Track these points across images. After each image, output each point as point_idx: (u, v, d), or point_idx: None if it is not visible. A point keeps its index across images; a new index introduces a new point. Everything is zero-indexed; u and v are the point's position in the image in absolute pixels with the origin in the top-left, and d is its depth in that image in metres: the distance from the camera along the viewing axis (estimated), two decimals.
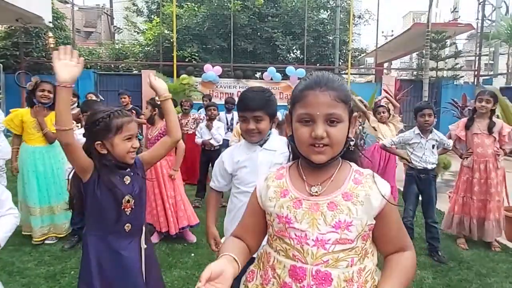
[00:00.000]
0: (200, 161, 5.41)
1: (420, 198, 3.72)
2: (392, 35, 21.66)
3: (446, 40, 13.14)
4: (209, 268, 0.94)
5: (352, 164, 1.14)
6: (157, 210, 3.68)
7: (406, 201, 3.72)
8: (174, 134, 1.91)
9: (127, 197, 1.74)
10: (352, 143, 1.11)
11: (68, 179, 2.20)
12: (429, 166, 3.56)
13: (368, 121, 5.12)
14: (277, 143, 1.87)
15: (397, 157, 4.47)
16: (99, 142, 1.69)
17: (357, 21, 16.70)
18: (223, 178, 1.96)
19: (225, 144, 6.38)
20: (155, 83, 1.90)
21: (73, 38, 13.12)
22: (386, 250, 1.13)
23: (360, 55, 17.97)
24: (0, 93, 10.51)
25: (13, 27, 11.72)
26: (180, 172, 3.92)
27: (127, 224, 1.76)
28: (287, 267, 1.07)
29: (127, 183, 1.75)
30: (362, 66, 20.92)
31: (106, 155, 1.71)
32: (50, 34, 12.08)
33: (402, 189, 5.78)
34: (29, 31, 11.70)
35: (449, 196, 4.41)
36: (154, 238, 3.66)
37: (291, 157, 1.21)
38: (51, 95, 3.56)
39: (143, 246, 1.83)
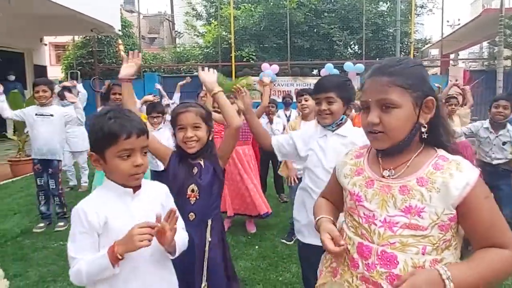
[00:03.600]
0: (261, 159, 5.52)
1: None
2: (458, 24, 20.25)
3: None
4: (327, 235, 1.11)
5: (440, 150, 1.08)
6: (243, 194, 3.88)
7: None
8: (231, 123, 1.89)
9: (191, 187, 1.79)
10: (424, 129, 1.05)
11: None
12: (495, 162, 3.35)
13: None
14: (351, 130, 1.89)
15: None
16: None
17: (420, 11, 15.84)
18: (287, 148, 2.03)
19: None
20: (203, 76, 1.92)
21: (139, 44, 13.99)
22: (477, 246, 1.01)
23: (424, 46, 17.03)
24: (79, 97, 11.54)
25: (88, 37, 12.81)
26: (254, 165, 4.09)
27: (191, 213, 1.78)
28: (355, 244, 1.10)
29: (194, 173, 1.81)
30: (425, 58, 19.80)
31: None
32: (120, 41, 13.00)
33: None
34: (101, 40, 12.69)
35: None
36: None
37: None
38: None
39: (208, 239, 1.80)
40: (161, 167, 3.78)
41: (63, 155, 5.38)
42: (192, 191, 1.80)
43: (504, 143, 3.35)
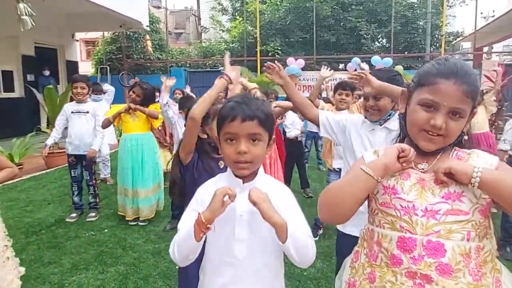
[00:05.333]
0: (287, 153, 5.51)
1: None
2: (493, 16, 19.40)
3: None
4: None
5: (455, 147, 1.12)
6: None
7: None
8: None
9: None
10: (465, 137, 1.11)
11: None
12: None
13: None
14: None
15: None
16: (200, 127, 1.84)
17: (452, 2, 15.30)
18: (333, 132, 2.00)
19: (311, 136, 6.39)
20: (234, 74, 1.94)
21: (166, 40, 14.21)
22: None
23: (455, 39, 16.44)
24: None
25: (117, 33, 13.12)
26: (275, 158, 4.12)
27: None
28: (394, 239, 1.06)
29: (221, 167, 1.83)
30: (457, 52, 19.12)
31: (205, 140, 1.86)
32: (147, 37, 13.25)
33: None
34: (130, 36, 12.97)
35: None
36: None
37: (401, 135, 1.20)
38: (138, 99, 4.00)
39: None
40: None
41: (102, 147, 5.60)
42: None
43: None
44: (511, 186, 0.95)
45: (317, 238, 3.64)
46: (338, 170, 3.53)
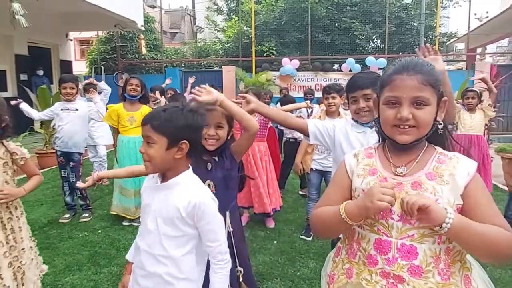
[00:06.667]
0: (285, 154, 5.54)
1: None
2: (487, 17, 19.56)
3: None
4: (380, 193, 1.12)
5: (437, 147, 1.17)
6: (251, 191, 3.94)
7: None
8: (249, 128, 1.85)
9: (207, 182, 1.85)
10: (440, 126, 1.15)
11: None
12: None
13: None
14: None
15: (492, 151, 4.12)
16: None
17: (446, 3, 15.41)
18: (323, 138, 1.98)
19: None
20: (200, 100, 1.76)
21: (161, 40, 14.17)
22: None
23: (449, 40, 16.57)
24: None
25: (111, 33, 13.07)
26: (267, 161, 4.13)
27: None
28: (371, 241, 1.13)
29: (209, 169, 1.87)
30: (451, 53, 19.26)
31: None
32: (142, 37, 13.21)
33: (498, 185, 5.34)
34: (124, 36, 12.92)
35: None
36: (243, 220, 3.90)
37: (380, 139, 1.26)
38: (139, 88, 3.99)
39: (229, 229, 1.92)
40: None
41: (99, 148, 5.58)
42: (209, 186, 1.87)
43: None
44: (478, 236, 1.00)
45: (310, 238, 3.67)
46: (315, 170, 3.75)
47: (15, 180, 2.26)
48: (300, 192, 5.25)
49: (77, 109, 4.14)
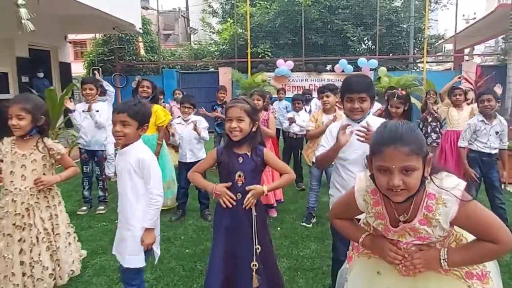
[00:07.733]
0: (284, 148, 5.83)
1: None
2: (474, 18, 20.14)
3: None
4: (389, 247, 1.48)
5: (428, 185, 1.33)
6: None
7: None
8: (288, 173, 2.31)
9: (238, 173, 2.18)
10: (427, 180, 1.33)
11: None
12: (493, 151, 3.70)
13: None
14: (373, 120, 2.21)
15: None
16: None
17: (434, 6, 15.92)
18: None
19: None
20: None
21: (158, 41, 14.44)
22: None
23: (437, 41, 17.10)
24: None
25: (108, 35, 13.29)
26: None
27: (238, 193, 2.18)
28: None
29: (240, 162, 2.20)
30: (439, 54, 19.81)
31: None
32: (140, 39, 13.44)
33: None
34: (122, 38, 13.16)
35: None
36: None
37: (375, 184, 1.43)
38: (150, 90, 4.30)
39: (254, 213, 2.20)
40: (189, 159, 4.19)
41: (107, 146, 5.84)
42: (239, 176, 2.20)
43: (496, 133, 3.69)
44: (475, 258, 1.36)
45: (310, 225, 4.03)
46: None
47: (53, 173, 2.58)
48: (297, 188, 5.57)
49: (97, 110, 4.44)
